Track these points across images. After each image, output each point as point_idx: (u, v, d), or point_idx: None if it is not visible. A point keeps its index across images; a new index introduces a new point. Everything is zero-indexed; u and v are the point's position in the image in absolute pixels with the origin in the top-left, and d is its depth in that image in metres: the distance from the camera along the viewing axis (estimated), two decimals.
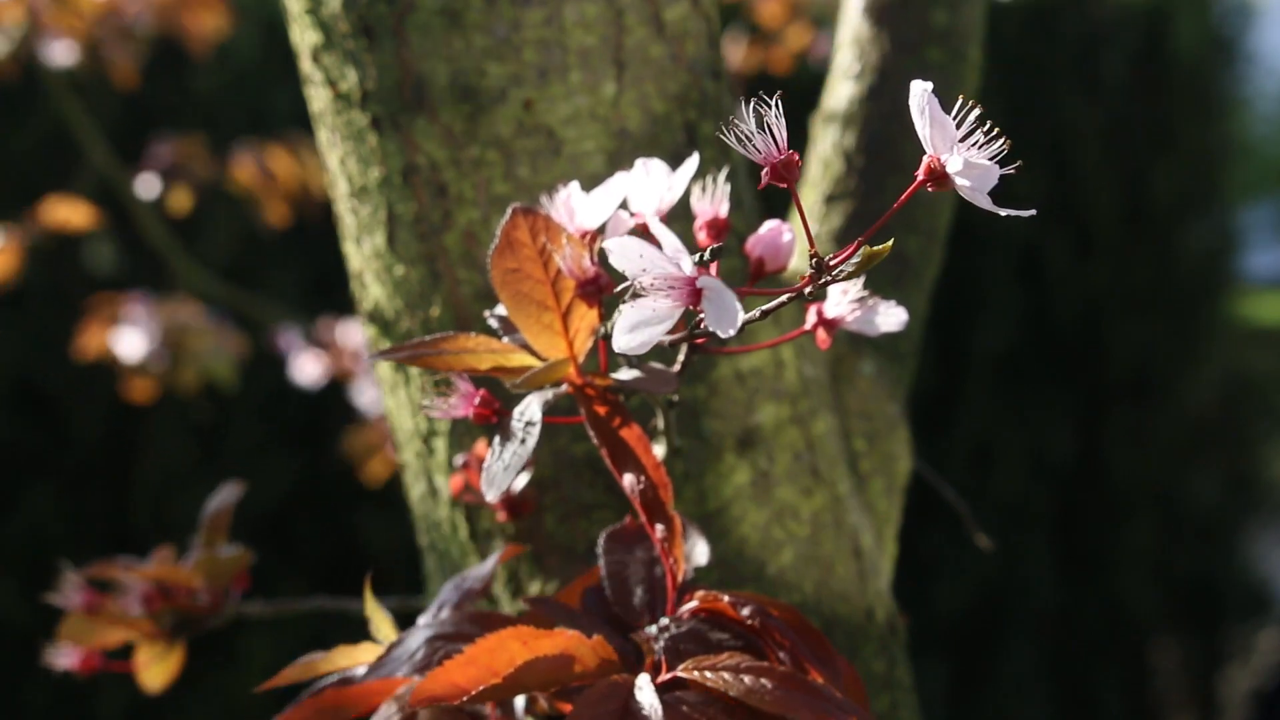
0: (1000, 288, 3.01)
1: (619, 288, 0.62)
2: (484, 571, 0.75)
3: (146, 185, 1.99)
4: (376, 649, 0.71)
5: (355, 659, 0.72)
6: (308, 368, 2.03)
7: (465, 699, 0.61)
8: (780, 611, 0.66)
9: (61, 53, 1.89)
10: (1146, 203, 3.11)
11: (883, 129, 0.99)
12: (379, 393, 1.93)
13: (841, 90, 1.01)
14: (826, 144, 1.01)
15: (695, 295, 0.59)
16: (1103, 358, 3.11)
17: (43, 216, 1.89)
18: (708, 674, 0.62)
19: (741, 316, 0.58)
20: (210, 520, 0.97)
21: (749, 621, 0.65)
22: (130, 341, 1.92)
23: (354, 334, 2.01)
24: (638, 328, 0.60)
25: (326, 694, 0.69)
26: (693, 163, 0.70)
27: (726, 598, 0.66)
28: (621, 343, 0.61)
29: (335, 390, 2.11)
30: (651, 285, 0.60)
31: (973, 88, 1.01)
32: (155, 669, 0.93)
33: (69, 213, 1.87)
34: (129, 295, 1.97)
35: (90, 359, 1.98)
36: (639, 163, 0.71)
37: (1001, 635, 3.03)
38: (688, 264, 0.59)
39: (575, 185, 0.71)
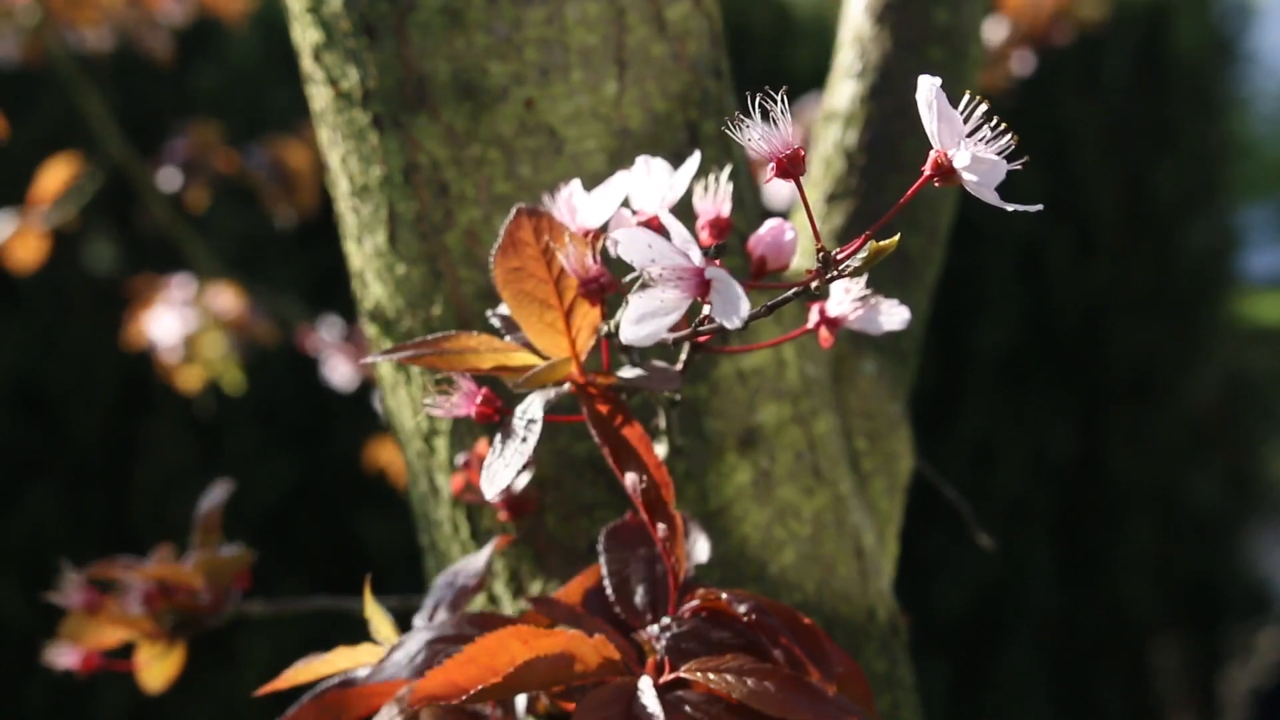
0: (1001, 287, 3.01)
1: (627, 278, 0.62)
2: (477, 567, 0.75)
3: (167, 178, 1.96)
4: (377, 650, 0.71)
5: (356, 660, 0.72)
6: (341, 369, 1.97)
7: (464, 698, 0.61)
8: (777, 610, 0.66)
9: (91, 39, 1.87)
10: (1147, 203, 3.11)
11: (885, 127, 0.99)
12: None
13: (843, 89, 1.01)
14: (828, 142, 1.01)
15: (704, 286, 0.59)
16: (1103, 357, 3.11)
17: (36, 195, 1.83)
18: (711, 676, 0.62)
19: (747, 307, 0.57)
20: (203, 521, 0.97)
21: (746, 619, 0.65)
22: (165, 325, 1.86)
23: None
24: (645, 318, 0.60)
25: (328, 696, 0.69)
26: (694, 161, 0.70)
27: (725, 595, 0.66)
28: (629, 333, 0.60)
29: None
30: (660, 276, 0.59)
31: (975, 86, 1.01)
32: (155, 669, 0.93)
33: (51, 178, 1.81)
34: (169, 278, 1.94)
35: (139, 350, 1.93)
36: (640, 161, 0.71)
37: (1002, 635, 3.03)
38: (696, 254, 0.59)
39: (577, 184, 0.71)
